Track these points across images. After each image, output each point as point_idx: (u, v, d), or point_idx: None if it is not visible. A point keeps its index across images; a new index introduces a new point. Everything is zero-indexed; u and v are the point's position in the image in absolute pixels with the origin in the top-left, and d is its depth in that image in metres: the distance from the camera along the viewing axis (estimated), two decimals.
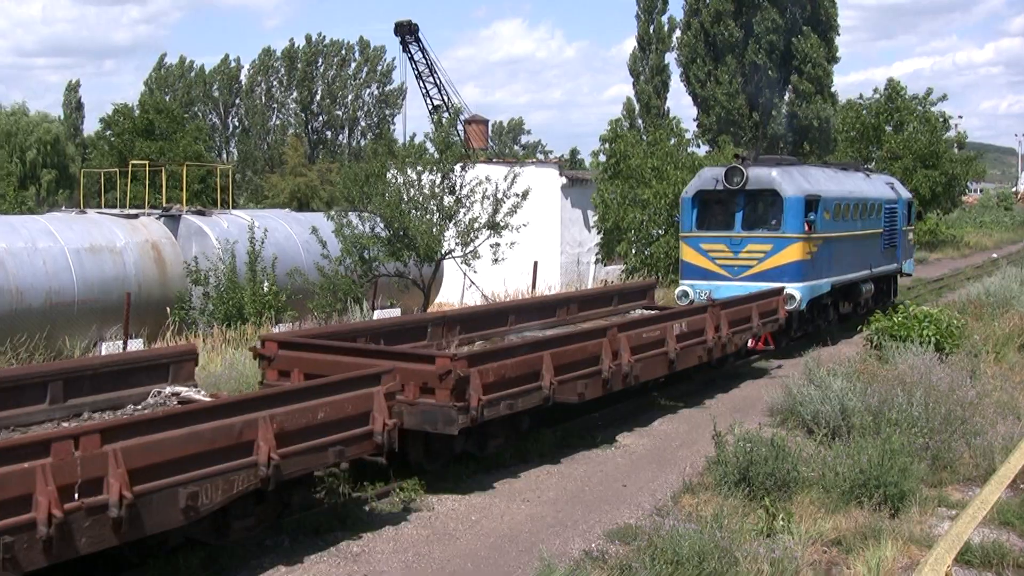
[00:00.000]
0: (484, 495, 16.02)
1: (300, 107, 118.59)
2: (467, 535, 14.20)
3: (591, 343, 18.91)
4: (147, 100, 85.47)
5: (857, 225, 33.11)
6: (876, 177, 38.95)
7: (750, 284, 28.20)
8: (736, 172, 29.30)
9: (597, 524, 14.56)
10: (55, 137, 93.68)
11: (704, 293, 28.14)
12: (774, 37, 79.47)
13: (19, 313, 26.74)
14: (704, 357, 22.58)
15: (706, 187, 30.01)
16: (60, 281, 28.18)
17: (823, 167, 35.37)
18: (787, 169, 30.22)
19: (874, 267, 34.97)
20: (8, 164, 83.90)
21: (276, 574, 12.62)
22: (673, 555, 11.91)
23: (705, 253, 29.66)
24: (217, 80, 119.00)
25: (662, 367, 21.07)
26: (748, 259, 29.04)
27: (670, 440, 19.83)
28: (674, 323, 21.34)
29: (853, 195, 33.10)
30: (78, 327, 28.28)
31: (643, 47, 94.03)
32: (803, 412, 19.43)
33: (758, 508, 14.23)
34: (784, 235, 28.78)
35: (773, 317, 26.10)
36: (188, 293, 31.90)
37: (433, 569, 12.93)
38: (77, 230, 30.11)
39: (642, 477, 17.14)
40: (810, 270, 29.18)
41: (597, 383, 18.86)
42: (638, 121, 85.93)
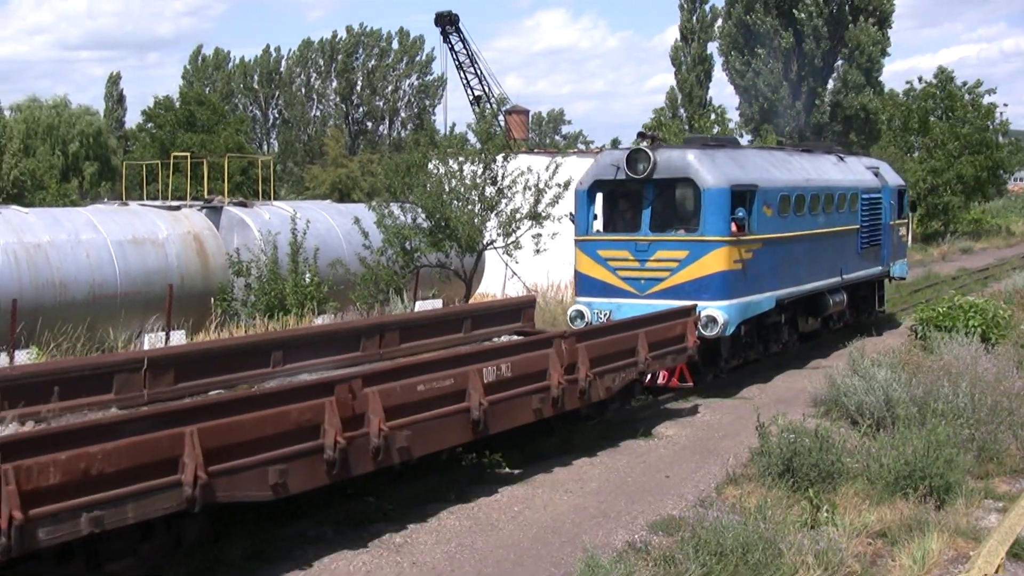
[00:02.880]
0: (526, 486, 16.01)
1: (340, 98, 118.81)
2: (509, 526, 14.19)
3: (296, 407, 12.49)
4: (188, 92, 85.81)
5: (818, 221, 26.97)
6: (853, 161, 32.39)
7: (660, 302, 21.95)
8: (640, 156, 22.99)
9: (640, 515, 14.52)
10: (97, 130, 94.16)
11: (603, 314, 22.79)
12: (818, 23, 78.92)
13: (63, 305, 26.87)
14: (544, 411, 16.34)
15: (604, 176, 23.81)
16: (103, 273, 28.30)
17: (771, 150, 29.34)
18: (709, 152, 23.59)
19: (847, 272, 28.99)
20: (50, 157, 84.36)
21: (320, 565, 12.63)
22: (717, 547, 11.86)
23: (604, 263, 23.39)
24: (257, 71, 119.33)
25: (457, 432, 14.86)
26: (658, 270, 22.79)
27: (713, 431, 19.76)
28: (486, 366, 15.30)
29: (812, 184, 26.76)
30: (121, 318, 28.41)
31: (685, 37, 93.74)
32: (847, 403, 19.30)
33: (802, 499, 14.15)
34: (702, 238, 22.48)
35: (677, 347, 20.02)
36: (230, 284, 32.00)
37: (476, 560, 12.92)
38: (120, 222, 30.24)
39: (685, 468, 17.09)
40: (740, 283, 22.90)
41: (313, 467, 12.65)
42: (680, 111, 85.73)
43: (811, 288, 26.60)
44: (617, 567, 11.28)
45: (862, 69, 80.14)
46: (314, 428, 12.65)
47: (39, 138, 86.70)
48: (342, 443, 12.73)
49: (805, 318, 27.68)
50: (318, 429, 12.66)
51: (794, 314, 26.76)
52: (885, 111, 72.64)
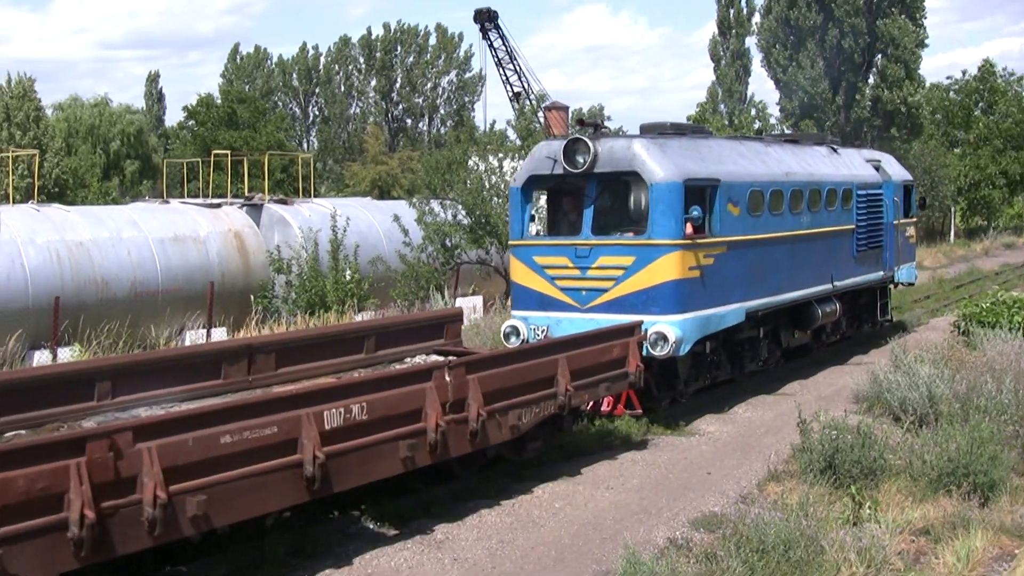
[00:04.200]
0: (567, 482, 15.98)
1: (379, 95, 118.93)
2: (551, 522, 14.17)
3: (27, 473, 9.54)
4: (230, 90, 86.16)
5: (801, 221, 23.72)
6: (850, 153, 28.94)
7: (604, 317, 19.27)
8: (579, 148, 19.90)
9: (682, 512, 14.48)
10: (138, 128, 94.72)
11: (540, 330, 20.07)
12: (856, 20, 78.52)
13: (105, 303, 27.07)
14: (418, 459, 13.37)
15: (540, 171, 20.62)
16: (144, 271, 28.50)
17: (743, 140, 25.72)
18: (659, 142, 20.24)
19: (840, 279, 25.80)
20: (92, 156, 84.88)
21: (361, 561, 12.65)
22: (759, 543, 11.80)
23: (541, 271, 20.37)
24: (296, 69, 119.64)
25: (282, 492, 11.88)
26: (600, 279, 19.75)
27: (754, 427, 19.69)
28: (328, 407, 12.28)
29: (793, 178, 23.49)
30: (162, 316, 28.60)
31: (723, 32, 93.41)
32: (889, 399, 19.19)
33: (844, 496, 14.06)
34: (650, 242, 19.35)
35: (613, 373, 17.08)
36: (271, 282, 32.16)
37: (517, 556, 12.92)
38: (161, 220, 30.44)
39: (726, 464, 17.03)
40: (698, 293, 19.75)
41: (53, 549, 9.73)
42: (720, 106, 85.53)
43: (793, 298, 23.44)
44: (659, 564, 11.25)
45: (901, 63, 79.66)
46: (55, 499, 9.67)
47: (81, 137, 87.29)
48: (91, 518, 9.73)
49: (790, 331, 24.82)
50: (61, 500, 9.69)
51: (776, 327, 23.84)
52: (929, 105, 72.15)
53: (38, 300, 25.48)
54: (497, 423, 14.64)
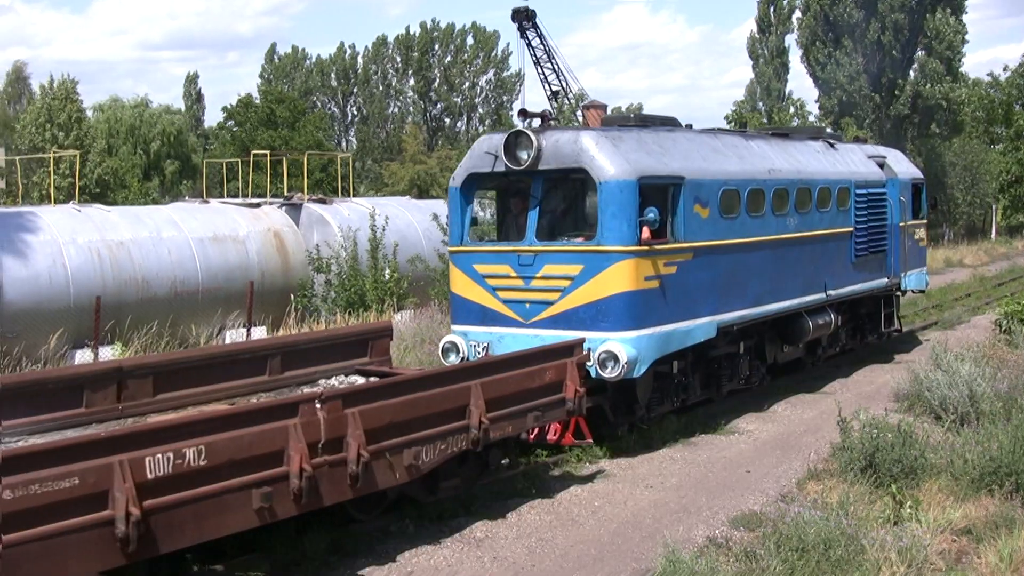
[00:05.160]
0: (607, 481, 15.99)
1: (417, 94, 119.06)
2: (590, 521, 14.18)
3: None
4: (269, 91, 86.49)
5: (786, 224, 21.41)
6: (850, 148, 26.32)
7: (549, 333, 17.28)
8: (521, 142, 17.82)
9: (721, 510, 14.46)
10: (178, 129, 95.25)
11: (480, 346, 18.18)
12: (898, 15, 78.02)
13: (145, 302, 27.24)
14: (279, 510, 11.30)
15: (480, 168, 18.59)
16: (185, 270, 28.64)
17: (718, 133, 21.81)
18: (611, 135, 17.94)
19: (835, 287, 23.45)
20: (132, 156, 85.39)
21: (401, 559, 12.69)
22: (798, 542, 11.78)
23: (482, 281, 18.30)
24: (334, 69, 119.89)
25: (87, 557, 9.73)
26: (545, 290, 17.61)
27: (794, 426, 19.63)
28: (151, 453, 10.15)
29: (777, 176, 21.17)
30: (202, 315, 28.73)
31: (763, 29, 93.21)
32: (930, 398, 19.10)
33: (884, 495, 14.02)
34: (599, 248, 17.18)
35: (545, 401, 14.92)
36: (310, 281, 32.27)
37: (556, 555, 12.93)
38: (201, 220, 30.59)
39: (766, 463, 16.99)
40: (656, 306, 17.51)
41: None
42: (759, 104, 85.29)
43: (777, 309, 21.12)
44: (698, 563, 11.24)
45: (942, 59, 79.14)
46: None
47: (121, 138, 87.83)
48: None
49: (778, 346, 22.48)
50: None
51: (760, 342, 21.74)
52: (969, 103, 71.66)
53: (79, 299, 25.65)
54: (387, 464, 12.59)
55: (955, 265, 57.70)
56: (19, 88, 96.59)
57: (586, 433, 17.31)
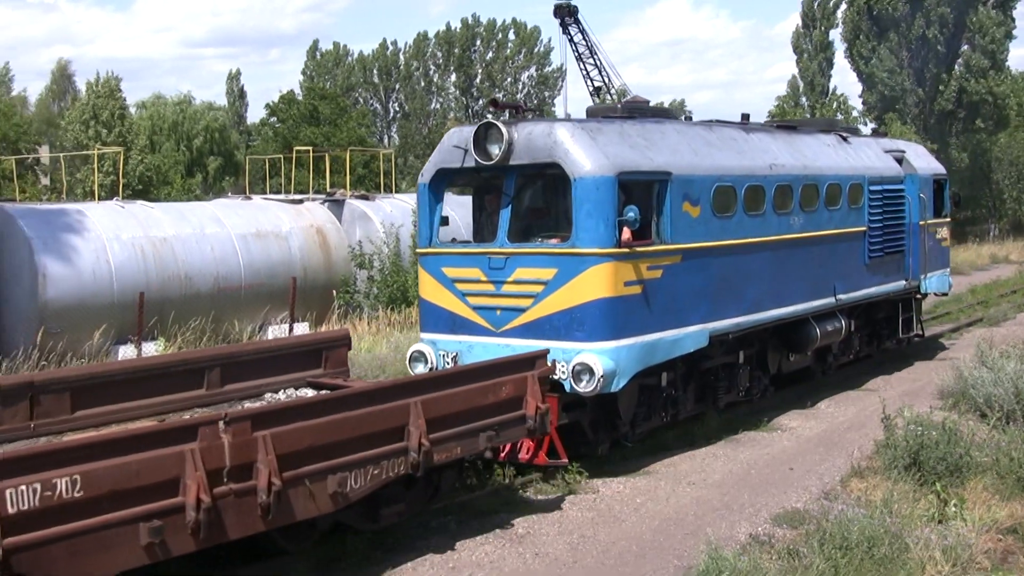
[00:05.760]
0: (649, 478, 15.96)
1: (459, 90, 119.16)
2: (632, 518, 14.15)
3: None
4: (312, 87, 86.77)
5: (790, 223, 19.90)
6: (864, 143, 24.61)
7: (521, 342, 15.88)
8: (491, 135, 16.48)
9: (764, 508, 14.40)
10: (221, 125, 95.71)
11: (449, 356, 16.83)
12: (943, 10, 77.49)
13: (188, 298, 27.34)
14: (173, 546, 10.07)
15: (449, 163, 17.23)
16: (227, 266, 28.73)
17: (713, 125, 20.08)
18: (589, 127, 16.51)
19: (845, 290, 21.93)
20: (175, 153, 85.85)
21: (443, 554, 12.70)
22: (842, 540, 11.72)
23: (451, 285, 16.97)
24: (376, 66, 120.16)
25: None
26: (517, 296, 16.23)
27: (837, 423, 19.54)
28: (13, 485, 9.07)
29: (779, 171, 19.66)
30: (245, 311, 28.83)
31: (807, 24, 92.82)
32: (975, 395, 18.94)
33: (929, 493, 13.92)
34: (574, 250, 15.76)
35: (505, 417, 13.53)
36: (352, 277, 32.33)
37: (598, 551, 12.91)
38: (243, 216, 30.68)
39: (809, 460, 16.91)
40: (639, 314, 16.08)
41: None
42: (802, 99, 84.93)
43: (779, 315, 19.65)
44: (741, 560, 11.19)
45: (985, 53, 78.60)
46: None
47: (164, 134, 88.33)
48: None
49: (782, 354, 21.06)
50: None
51: (762, 350, 20.34)
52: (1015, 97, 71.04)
53: (123, 295, 25.78)
54: (306, 492, 11.26)
55: (1000, 261, 57.32)
56: (63, 86, 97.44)
57: (560, 452, 15.58)
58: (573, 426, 16.08)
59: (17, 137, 66.83)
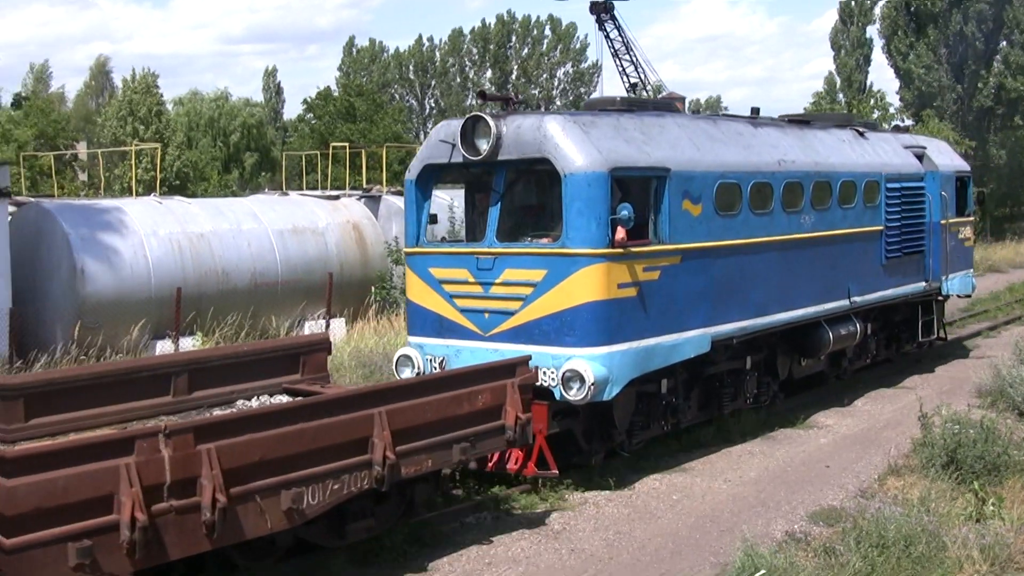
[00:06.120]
0: (685, 474, 15.96)
1: (495, 87, 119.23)
2: (668, 514, 14.15)
3: None
4: (348, 84, 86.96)
5: (800, 222, 19.02)
6: (882, 138, 23.75)
7: (509, 347, 15.12)
8: (479, 129, 15.71)
9: (800, 505, 14.38)
10: (258, 121, 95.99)
11: (436, 360, 16.07)
12: (982, 6, 76.94)
13: (225, 293, 27.44)
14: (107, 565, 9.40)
15: (436, 158, 16.48)
16: (264, 262, 28.82)
17: (717, 119, 19.31)
18: (582, 119, 15.66)
19: (860, 292, 21.04)
20: (212, 149, 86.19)
21: (479, 550, 12.73)
22: (879, 538, 11.68)
23: (438, 287, 16.18)
24: (412, 62, 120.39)
25: None
26: (506, 298, 15.40)
27: (874, 421, 19.47)
28: None
29: (789, 168, 18.76)
30: (282, 307, 28.91)
31: (844, 20, 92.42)
32: (1013, 394, 18.88)
33: (967, 492, 13.87)
34: (564, 251, 14.95)
35: (481, 428, 12.85)
36: (389, 273, 32.36)
37: (634, 548, 12.91)
38: (280, 212, 30.77)
39: (845, 458, 16.86)
40: (635, 318, 15.29)
41: None
42: (839, 96, 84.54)
43: (788, 319, 18.77)
44: (777, 557, 11.18)
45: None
46: None
47: (201, 130, 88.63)
48: None
49: (793, 359, 20.27)
50: None
51: (771, 356, 19.55)
52: None
53: (160, 291, 25.89)
54: (257, 508, 10.52)
55: None
56: (102, 82, 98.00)
57: (550, 463, 14.82)
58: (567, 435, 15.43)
59: (55, 133, 67.16)
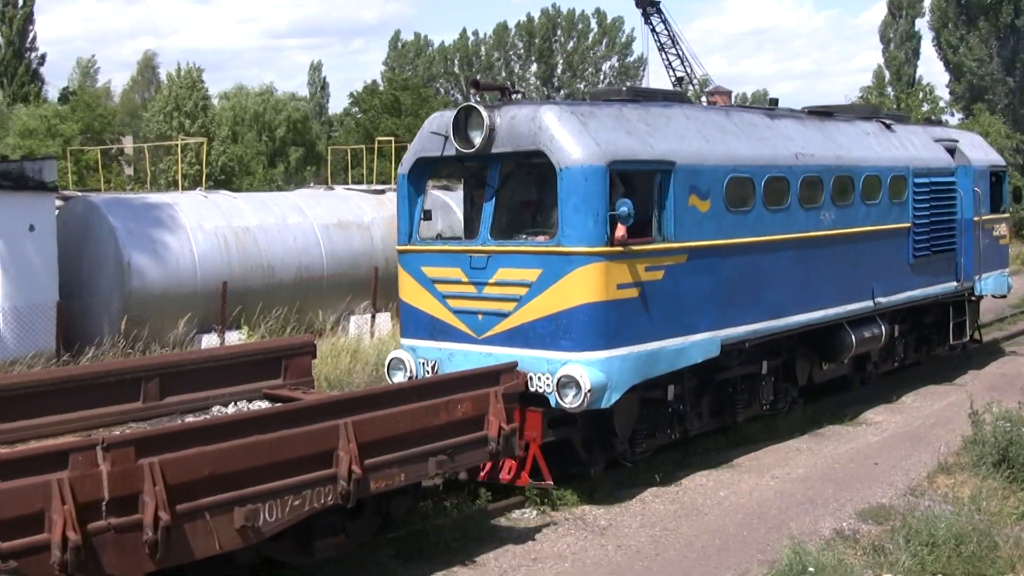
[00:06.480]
0: (732, 470, 15.86)
1: (540, 81, 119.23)
2: (715, 511, 14.06)
3: None
4: (394, 78, 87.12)
5: (819, 219, 18.04)
6: (910, 131, 22.68)
7: (502, 351, 14.35)
8: (472, 120, 14.86)
9: (848, 503, 14.26)
10: (304, 115, 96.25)
11: (428, 364, 15.32)
12: None
13: (271, 287, 27.47)
14: None
15: (429, 151, 15.68)
16: (310, 256, 28.84)
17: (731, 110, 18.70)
18: (581, 110, 14.82)
19: (885, 293, 20.01)
20: (257, 143, 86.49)
21: (524, 546, 12.70)
22: (928, 537, 11.57)
23: (431, 286, 15.41)
24: (457, 56, 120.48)
25: None
26: (500, 299, 14.59)
27: (923, 417, 19.31)
28: None
29: (806, 162, 17.81)
30: (327, 301, 28.94)
31: (893, 12, 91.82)
32: None
33: (1019, 491, 13.77)
34: (560, 249, 14.09)
35: (461, 439, 12.10)
36: None
37: (681, 544, 12.83)
38: (325, 206, 30.79)
39: (894, 455, 16.71)
40: (637, 320, 14.38)
41: None
42: (888, 89, 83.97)
43: (806, 321, 17.79)
44: (825, 555, 11.08)
45: None
46: None
47: (246, 125, 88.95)
48: None
49: (814, 363, 19.40)
50: None
51: (790, 360, 18.67)
52: None
53: (206, 285, 25.94)
54: (206, 527, 9.75)
55: None
56: (148, 77, 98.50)
57: (545, 473, 14.01)
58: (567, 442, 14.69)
59: (101, 128, 67.46)
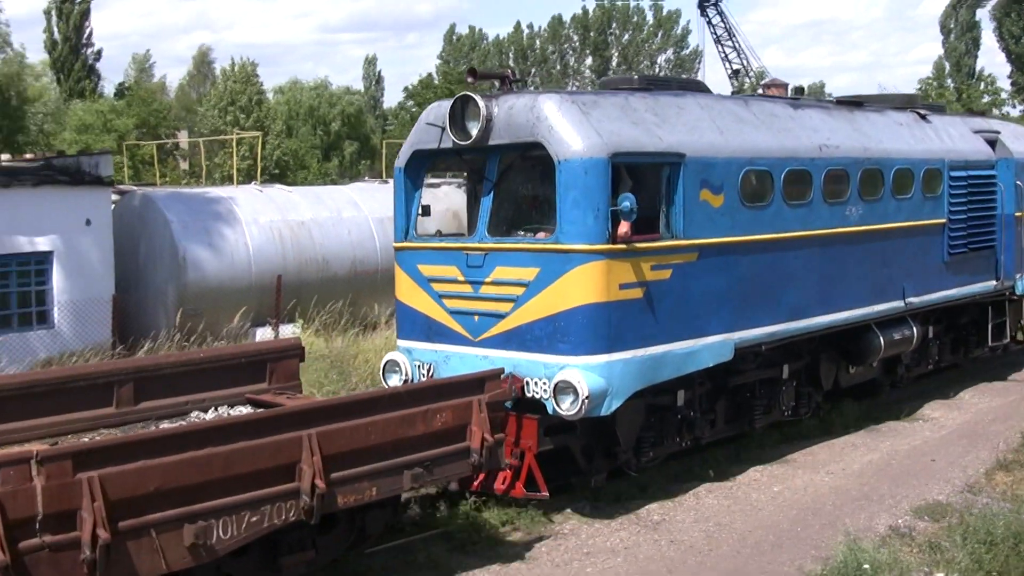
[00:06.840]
0: (786, 466, 15.75)
1: (595, 74, 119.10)
2: (769, 506, 13.97)
3: None
4: (448, 71, 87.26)
5: (844, 215, 17.02)
6: (947, 122, 21.34)
7: (499, 354, 13.65)
8: (468, 110, 14.06)
9: (904, 499, 14.12)
10: (358, 109, 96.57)
11: (424, 367, 14.58)
12: None
13: (325, 281, 27.56)
14: None
15: (425, 144, 14.93)
16: (364, 249, 28.91)
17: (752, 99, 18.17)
18: (582, 99, 14.01)
19: (917, 292, 18.83)
20: (311, 137, 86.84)
21: (577, 540, 12.68)
22: (986, 535, 11.44)
23: (427, 285, 14.61)
24: (512, 49, 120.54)
25: None
26: (496, 299, 13.80)
27: (982, 414, 19.11)
28: None
29: (831, 154, 16.79)
30: (381, 295, 28.94)
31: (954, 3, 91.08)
32: None
33: None
34: (558, 247, 13.27)
35: (439, 451, 11.30)
36: None
37: (734, 539, 12.76)
38: (380, 200, 30.82)
39: (952, 452, 16.54)
40: (642, 322, 13.53)
41: None
42: (947, 81, 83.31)
43: (829, 322, 16.79)
44: (880, 552, 10.99)
45: None
46: None
47: (301, 119, 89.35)
48: None
49: (841, 367, 18.34)
50: None
51: (813, 363, 17.68)
52: None
53: (261, 278, 26.04)
54: (151, 545, 9.13)
55: None
56: (203, 72, 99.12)
57: (540, 484, 13.18)
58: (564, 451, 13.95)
59: (157, 122, 68.06)
